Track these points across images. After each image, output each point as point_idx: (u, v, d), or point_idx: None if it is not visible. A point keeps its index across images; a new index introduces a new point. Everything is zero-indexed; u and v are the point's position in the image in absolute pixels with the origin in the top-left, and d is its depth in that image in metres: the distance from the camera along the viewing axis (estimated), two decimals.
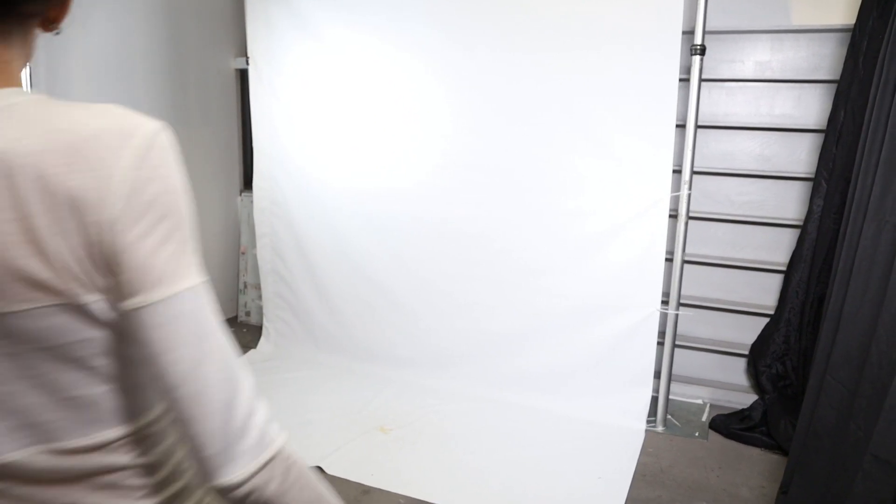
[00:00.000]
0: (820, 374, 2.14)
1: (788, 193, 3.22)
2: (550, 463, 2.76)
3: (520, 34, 3.01)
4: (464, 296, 3.34)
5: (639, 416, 3.06)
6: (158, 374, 0.62)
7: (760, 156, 3.25)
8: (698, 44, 2.77)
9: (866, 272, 1.96)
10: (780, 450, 2.83)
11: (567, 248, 3.10)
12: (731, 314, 3.36)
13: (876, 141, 1.99)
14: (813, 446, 2.16)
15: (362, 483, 2.56)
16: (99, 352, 0.64)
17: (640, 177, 2.91)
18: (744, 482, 2.66)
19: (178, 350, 0.61)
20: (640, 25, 2.78)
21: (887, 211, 1.90)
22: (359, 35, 3.34)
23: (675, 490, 2.60)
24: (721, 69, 3.23)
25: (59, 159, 0.57)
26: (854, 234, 2.05)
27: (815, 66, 3.10)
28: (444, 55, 3.19)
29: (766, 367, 3.14)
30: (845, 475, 1.89)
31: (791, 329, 3.08)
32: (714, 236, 3.38)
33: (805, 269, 3.01)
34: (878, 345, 1.82)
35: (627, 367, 3.06)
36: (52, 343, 0.61)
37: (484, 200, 3.22)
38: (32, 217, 0.57)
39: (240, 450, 0.64)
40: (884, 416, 1.70)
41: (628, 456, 2.83)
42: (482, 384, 3.32)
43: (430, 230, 3.35)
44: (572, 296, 3.12)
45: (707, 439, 2.99)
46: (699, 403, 3.34)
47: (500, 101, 3.11)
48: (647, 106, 2.83)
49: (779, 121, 3.21)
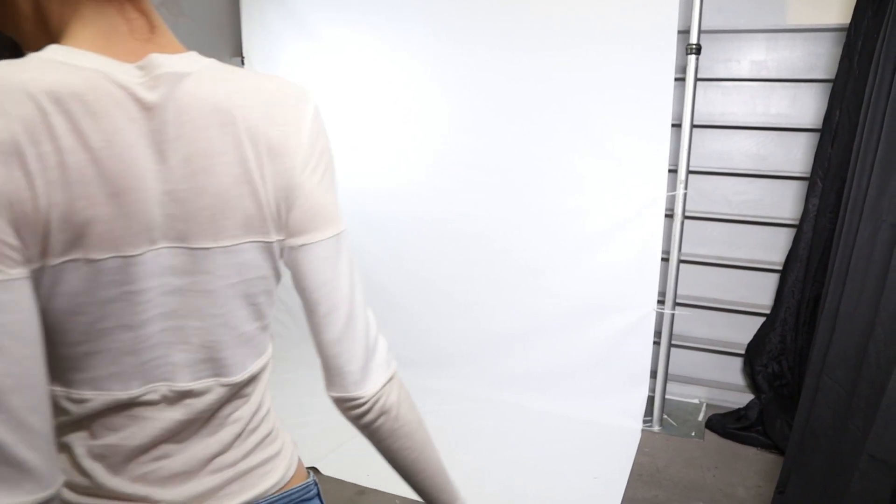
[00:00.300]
0: (816, 373, 2.14)
1: (784, 193, 3.22)
2: (547, 463, 2.75)
3: (517, 33, 3.00)
4: (462, 296, 3.34)
5: (635, 415, 3.06)
6: (320, 299, 0.74)
7: (756, 155, 3.25)
8: (694, 43, 2.77)
9: (863, 271, 1.95)
10: (777, 449, 2.83)
11: (564, 247, 3.10)
12: (727, 314, 3.36)
13: (871, 140, 1.99)
14: (809, 446, 2.16)
15: (358, 483, 2.55)
16: (264, 289, 0.72)
17: (636, 176, 2.90)
18: (740, 482, 2.66)
19: (340, 278, 0.75)
20: (635, 25, 2.78)
21: (884, 210, 1.90)
22: (355, 34, 3.33)
23: (672, 490, 2.60)
24: (717, 68, 3.23)
25: (260, 112, 0.66)
26: (850, 233, 2.05)
27: (810, 66, 3.10)
28: (441, 54, 3.18)
29: (762, 366, 3.14)
30: (842, 475, 1.89)
31: (787, 328, 3.08)
32: (710, 236, 3.37)
33: (801, 269, 3.01)
34: (875, 344, 1.82)
35: (624, 366, 3.06)
36: (242, 278, 0.69)
37: (482, 200, 3.21)
38: (248, 161, 0.65)
39: (373, 365, 0.78)
40: (881, 416, 1.70)
41: (625, 456, 2.83)
42: (479, 384, 3.31)
43: (428, 230, 3.34)
44: (569, 295, 3.12)
45: (703, 439, 2.99)
46: (695, 403, 3.34)
47: (498, 101, 3.10)
48: (643, 105, 2.83)
49: (774, 120, 3.21)
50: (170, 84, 0.61)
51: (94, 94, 0.57)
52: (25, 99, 0.53)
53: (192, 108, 0.62)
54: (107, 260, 0.59)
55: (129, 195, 0.59)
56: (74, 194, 0.55)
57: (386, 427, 0.80)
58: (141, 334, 0.64)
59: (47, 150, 0.54)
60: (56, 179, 0.54)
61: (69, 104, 0.55)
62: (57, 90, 0.55)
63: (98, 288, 0.60)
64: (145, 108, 0.60)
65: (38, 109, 0.53)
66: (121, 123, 0.58)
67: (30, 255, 0.55)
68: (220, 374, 0.71)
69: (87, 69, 0.58)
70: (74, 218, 0.56)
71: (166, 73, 0.61)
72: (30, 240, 0.54)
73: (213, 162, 0.64)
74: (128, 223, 0.59)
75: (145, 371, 0.66)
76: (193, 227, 0.64)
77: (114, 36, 0.62)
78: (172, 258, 0.64)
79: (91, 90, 0.57)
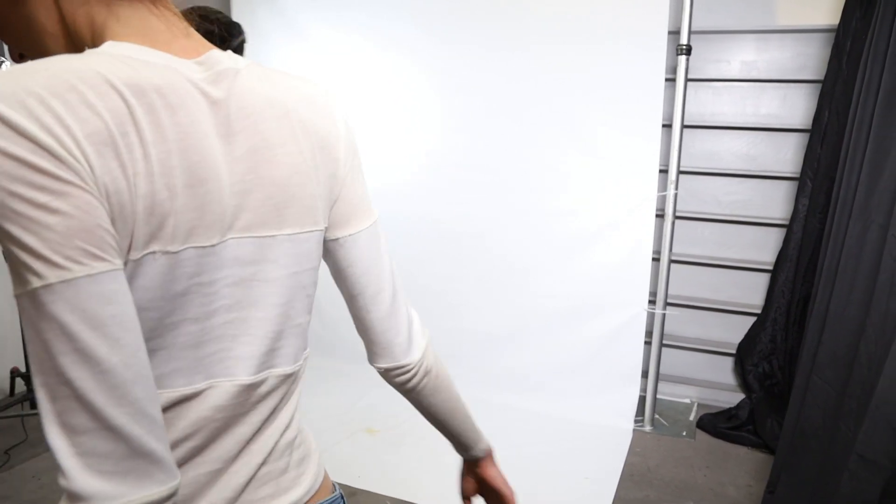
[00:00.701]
0: (806, 373, 2.15)
1: (774, 193, 3.23)
2: (538, 463, 2.75)
3: (508, 34, 3.00)
4: (453, 295, 3.33)
5: (626, 415, 3.06)
6: (368, 283, 0.80)
7: (746, 155, 3.26)
8: (684, 44, 2.78)
9: (852, 272, 1.96)
10: (767, 448, 2.84)
11: (556, 247, 3.10)
12: (717, 313, 3.37)
13: (860, 141, 2.00)
14: (800, 446, 2.16)
15: (349, 485, 2.54)
16: (314, 280, 0.76)
17: (627, 176, 2.91)
18: (731, 481, 2.67)
19: (382, 261, 0.81)
20: (626, 25, 2.78)
21: (872, 210, 1.91)
22: (345, 35, 3.32)
23: (663, 490, 2.60)
24: (707, 69, 3.24)
25: (307, 107, 0.70)
26: (839, 233, 2.05)
27: (800, 66, 3.11)
28: (431, 55, 3.18)
29: (752, 366, 3.15)
30: (832, 475, 1.89)
31: (777, 328, 3.09)
32: (701, 236, 3.38)
33: (791, 269, 3.02)
34: (866, 345, 1.83)
35: (615, 366, 3.06)
36: (301, 268, 0.72)
37: (474, 200, 3.21)
38: (304, 152, 0.69)
39: (414, 333, 0.87)
40: (870, 416, 1.71)
41: (616, 456, 2.83)
42: (470, 385, 3.27)
43: (418, 229, 3.33)
44: (560, 296, 3.12)
45: (694, 438, 3.00)
46: (687, 403, 3.34)
47: (489, 101, 3.10)
48: (634, 106, 2.84)
49: (764, 120, 3.22)
50: (230, 79, 0.64)
51: (171, 88, 0.59)
52: (110, 90, 0.54)
53: (250, 103, 0.65)
54: (184, 251, 0.60)
55: (204, 186, 0.60)
56: (157, 186, 0.56)
57: (430, 385, 0.90)
58: (206, 326, 0.65)
59: (134, 141, 0.54)
60: (142, 171, 0.55)
61: (150, 97, 0.56)
62: (138, 83, 0.56)
63: (172, 281, 0.60)
64: (212, 102, 0.62)
65: (124, 101, 0.54)
66: (196, 116, 0.60)
67: (121, 248, 0.55)
68: (275, 365, 0.72)
69: (158, 65, 0.59)
70: (157, 209, 0.56)
71: (227, 68, 0.64)
72: (122, 232, 0.54)
73: (276, 153, 0.67)
74: (203, 214, 0.60)
75: (208, 365, 0.66)
76: (260, 216, 0.66)
77: (154, 34, 0.63)
78: (240, 248, 0.65)
79: (168, 84, 0.58)
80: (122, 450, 0.51)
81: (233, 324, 0.67)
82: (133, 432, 0.52)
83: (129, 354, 0.53)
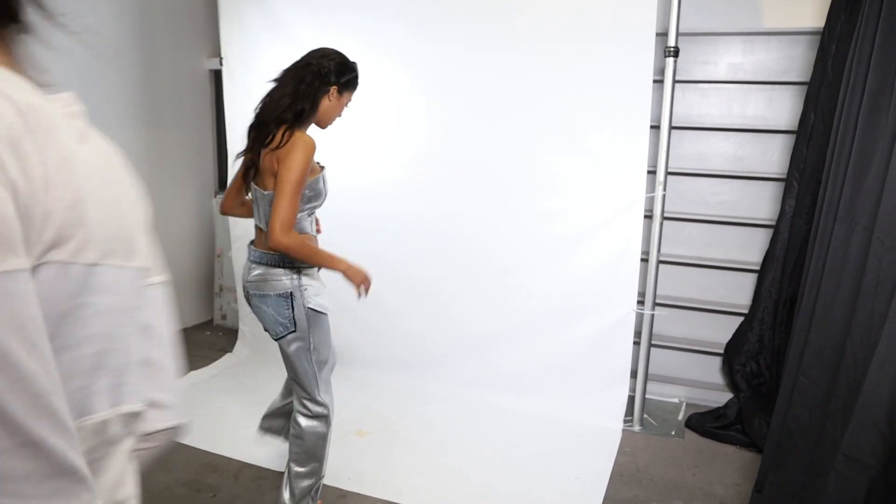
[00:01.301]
0: (793, 373, 2.17)
1: (761, 194, 3.26)
2: (527, 463, 2.76)
3: (497, 35, 3.01)
4: (442, 296, 3.34)
5: (616, 415, 3.08)
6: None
7: (733, 156, 3.29)
8: (672, 46, 2.79)
9: (837, 273, 1.98)
10: (755, 447, 2.87)
11: (544, 248, 3.11)
12: (706, 313, 3.40)
13: (845, 143, 2.02)
14: (787, 445, 2.18)
15: (339, 487, 2.54)
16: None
17: (615, 177, 2.92)
18: (719, 480, 2.69)
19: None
20: (614, 27, 2.80)
21: (857, 212, 1.93)
22: (333, 36, 3.30)
23: (652, 489, 2.62)
24: (694, 70, 3.26)
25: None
26: (825, 234, 2.07)
27: (785, 68, 3.14)
28: (419, 55, 3.18)
29: (740, 365, 3.18)
30: (819, 474, 1.91)
31: (765, 328, 3.12)
32: (689, 236, 3.41)
33: (778, 269, 3.05)
34: (852, 345, 1.85)
35: (604, 366, 3.08)
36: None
37: (461, 200, 3.21)
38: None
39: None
40: (856, 416, 1.73)
41: (605, 456, 2.84)
42: (460, 386, 3.31)
43: (407, 230, 3.33)
44: (549, 296, 3.13)
45: (683, 438, 3.02)
46: (675, 402, 3.36)
47: (476, 101, 3.11)
48: (622, 107, 2.85)
49: (751, 122, 3.24)
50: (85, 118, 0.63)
51: (43, 111, 0.57)
52: (5, 101, 0.51)
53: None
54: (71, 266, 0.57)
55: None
56: (48, 197, 0.54)
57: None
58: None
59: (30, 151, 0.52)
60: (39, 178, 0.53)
61: (34, 115, 0.54)
62: (26, 100, 0.54)
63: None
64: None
65: (19, 113, 0.52)
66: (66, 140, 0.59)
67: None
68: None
69: (28, 89, 0.58)
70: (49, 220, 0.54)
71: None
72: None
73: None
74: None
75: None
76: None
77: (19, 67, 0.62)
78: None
79: (40, 107, 0.56)
80: (45, 468, 0.46)
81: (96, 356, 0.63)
82: (56, 446, 0.47)
83: (48, 361, 0.47)
